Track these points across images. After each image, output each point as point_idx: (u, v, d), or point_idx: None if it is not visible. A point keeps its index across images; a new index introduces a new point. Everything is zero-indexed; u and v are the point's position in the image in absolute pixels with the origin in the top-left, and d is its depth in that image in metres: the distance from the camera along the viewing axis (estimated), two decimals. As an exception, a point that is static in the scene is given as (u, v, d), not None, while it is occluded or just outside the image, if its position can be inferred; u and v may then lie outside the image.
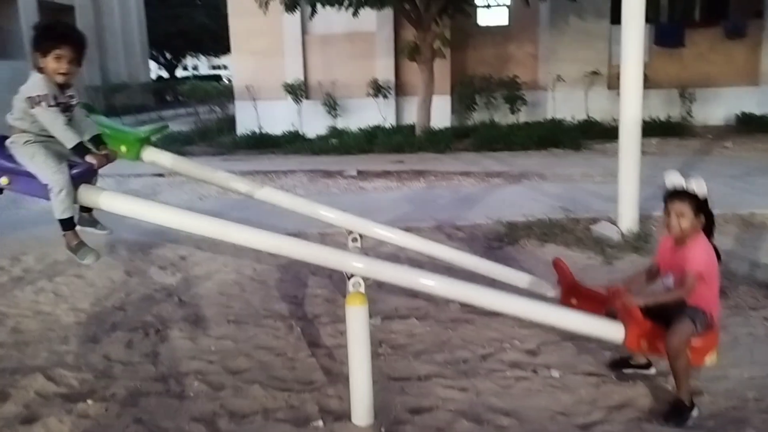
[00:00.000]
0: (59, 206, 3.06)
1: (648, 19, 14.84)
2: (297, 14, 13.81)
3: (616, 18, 14.85)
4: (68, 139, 2.99)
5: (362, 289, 3.14)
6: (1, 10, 23.61)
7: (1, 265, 5.85)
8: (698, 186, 3.21)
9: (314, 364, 3.74)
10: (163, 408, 3.30)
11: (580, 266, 5.26)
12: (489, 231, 6.41)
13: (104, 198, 3.19)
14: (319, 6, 12.26)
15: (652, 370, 3.62)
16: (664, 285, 3.37)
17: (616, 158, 6.31)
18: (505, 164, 10.41)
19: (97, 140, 3.22)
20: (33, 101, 2.95)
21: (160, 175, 10.53)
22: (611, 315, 3.48)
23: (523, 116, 14.74)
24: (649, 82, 13.83)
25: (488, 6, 14.91)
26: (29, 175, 3.07)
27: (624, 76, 6.05)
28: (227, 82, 30.37)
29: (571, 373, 3.56)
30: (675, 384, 3.15)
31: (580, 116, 14.48)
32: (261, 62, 15.40)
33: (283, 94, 15.22)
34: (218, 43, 41.67)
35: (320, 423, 3.09)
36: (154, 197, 8.89)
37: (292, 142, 13.89)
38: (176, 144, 13.78)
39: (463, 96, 14.93)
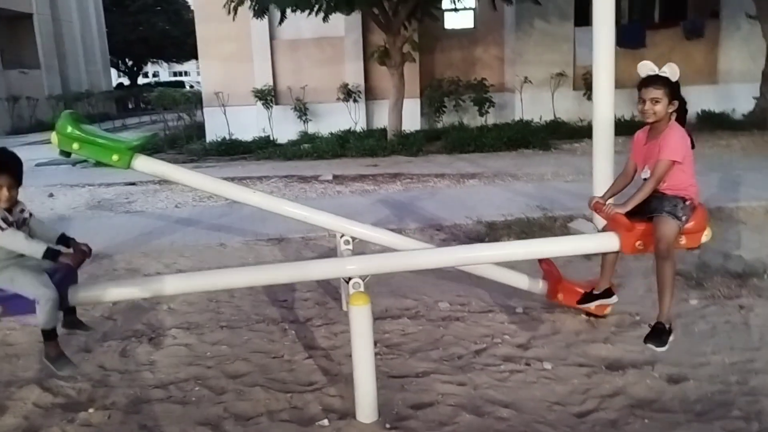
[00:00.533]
0: (45, 317, 3.12)
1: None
2: (265, 19, 13.83)
3: (579, 20, 15.29)
4: (35, 252, 3.05)
5: (362, 289, 3.23)
6: (-44, 18, 23.10)
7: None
8: (671, 70, 3.34)
9: (312, 366, 3.80)
10: (166, 414, 3.32)
11: (560, 263, 5.38)
12: (469, 231, 6.54)
13: (96, 292, 3.29)
14: (288, 11, 12.27)
15: (614, 299, 3.95)
16: (641, 177, 3.49)
17: (584, 157, 6.52)
18: (477, 166, 10.59)
19: (65, 239, 3.28)
20: None
21: (132, 183, 10.45)
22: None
23: (491, 118, 14.98)
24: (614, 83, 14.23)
25: (455, 9, 15.08)
26: (18, 296, 3.13)
27: (596, 78, 6.22)
28: (190, 88, 30.13)
29: (562, 364, 3.69)
30: (659, 299, 3.31)
31: (547, 117, 14.79)
32: (229, 68, 15.36)
33: (252, 99, 15.20)
34: (180, 49, 41.34)
35: (326, 422, 3.15)
36: (129, 206, 8.82)
37: (264, 148, 13.88)
38: (145, 152, 13.60)
39: (432, 99, 15.12)
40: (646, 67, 3.42)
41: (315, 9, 11.95)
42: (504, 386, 3.47)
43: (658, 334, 3.26)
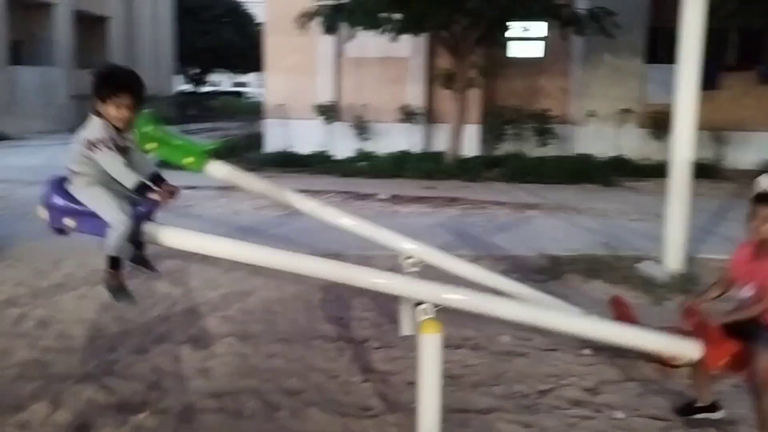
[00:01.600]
0: (115, 243, 3.06)
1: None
2: (332, 36, 13.94)
3: (650, 57, 14.95)
4: (128, 180, 3.00)
5: (433, 316, 3.08)
6: (36, 17, 24.06)
7: (43, 269, 5.85)
8: None
9: (370, 390, 3.67)
10: (219, 426, 3.24)
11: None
12: (531, 263, 6.33)
13: (169, 235, 3.20)
14: (358, 29, 12.33)
15: (720, 414, 3.52)
16: (740, 296, 3.25)
17: (649, 196, 6.27)
18: (537, 196, 10.35)
19: (157, 178, 3.23)
20: (91, 145, 2.97)
21: (193, 187, 10.57)
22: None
23: (552, 149, 14.69)
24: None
25: (526, 38, 14.93)
26: (94, 215, 3.08)
27: (678, 118, 6.01)
28: (248, 98, 30.65)
29: (635, 415, 3.47)
30: (758, 425, 3.04)
31: (610, 152, 14.41)
32: (294, 81, 15.49)
33: (313, 114, 15.28)
34: (243, 60, 42.22)
35: (384, 452, 3.01)
36: (188, 209, 8.90)
37: (321, 163, 13.91)
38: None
39: (493, 126, 14.93)
40: (764, 183, 3.20)
41: (386, 28, 11.95)
42: (572, 433, 3.27)
43: None
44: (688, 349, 3.15)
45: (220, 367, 3.93)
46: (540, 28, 15.25)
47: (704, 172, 13.12)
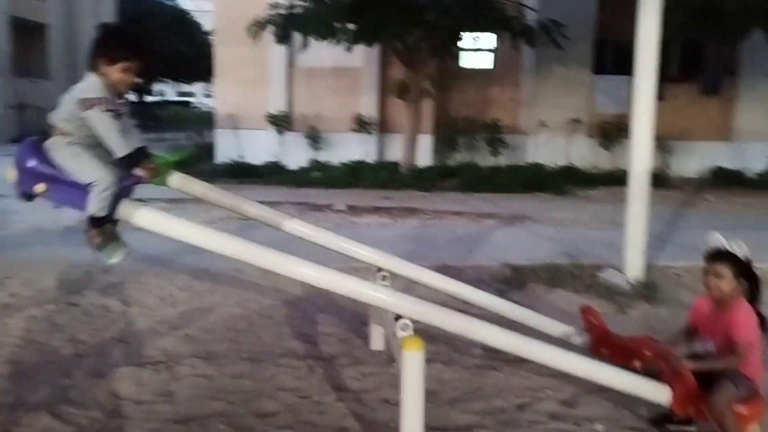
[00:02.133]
0: (98, 203, 2.84)
1: (626, 72, 15.25)
2: (284, 46, 13.79)
3: (597, 68, 15.33)
4: (120, 148, 2.80)
5: (411, 332, 2.99)
6: (-30, 26, 23.09)
7: (-15, 288, 5.50)
8: (739, 248, 3.19)
9: (344, 410, 3.53)
10: (189, 454, 3.05)
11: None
12: (494, 273, 6.30)
13: (144, 214, 3.00)
14: (312, 39, 12.21)
15: (694, 428, 3.54)
16: (704, 349, 3.31)
17: (601, 205, 6.34)
18: (494, 206, 10.40)
19: (143, 153, 3.02)
20: (87, 104, 2.76)
21: (140, 200, 10.22)
22: (647, 371, 3.43)
23: (504, 159, 14.89)
24: (629, 133, 14.20)
25: (478, 49, 15.10)
26: (68, 184, 2.85)
27: (636, 128, 6.11)
28: (196, 108, 30.05)
29: (615, 427, 3.44)
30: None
31: (561, 162, 14.68)
32: (245, 91, 15.27)
33: (265, 124, 15.09)
34: (190, 69, 41.48)
35: (365, 475, 2.89)
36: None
37: (274, 173, 13.73)
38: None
39: (446, 136, 15.05)
40: (715, 240, 3.28)
41: (340, 39, 11.87)
42: (554, 447, 3.21)
43: None
44: (655, 392, 3.20)
45: (184, 390, 3.73)
46: (491, 39, 15.46)
47: (652, 181, 13.51)
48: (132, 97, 42.27)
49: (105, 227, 2.94)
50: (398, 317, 3.09)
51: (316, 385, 3.83)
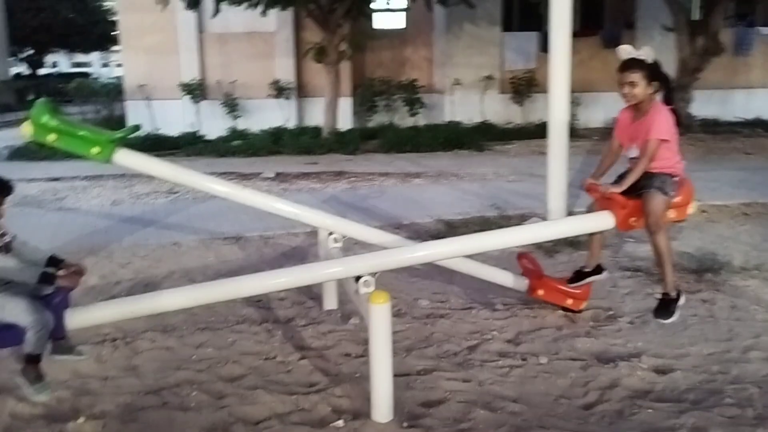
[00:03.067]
0: (36, 343, 3.03)
1: (533, 28, 15.69)
2: (193, 11, 13.38)
3: (506, 26, 15.74)
4: (29, 278, 2.95)
5: (373, 287, 3.20)
6: None
7: None
8: (646, 53, 3.52)
9: (309, 366, 3.72)
10: (168, 421, 3.16)
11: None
12: (429, 229, 6.60)
13: (97, 312, 3.14)
14: (224, 4, 11.90)
15: (605, 274, 4.17)
16: (628, 157, 3.68)
17: (518, 158, 6.72)
18: (418, 165, 10.68)
19: (55, 260, 3.13)
20: None
21: (56, 179, 9.85)
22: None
23: (421, 118, 15.17)
24: (538, 87, 14.76)
25: (390, 10, 15.16)
26: (4, 328, 3.00)
27: (552, 81, 6.38)
28: (94, 79, 28.63)
29: (556, 359, 3.80)
30: (660, 272, 3.47)
31: (476, 119, 15.11)
32: (154, 60, 14.72)
33: (178, 93, 14.66)
34: (85, 38, 39.22)
35: (341, 423, 3.10)
36: (59, 203, 8.30)
37: (193, 144, 13.42)
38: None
39: (364, 98, 15.13)
40: (625, 51, 3.58)
41: (253, 2, 11.64)
42: (507, 381, 3.53)
43: (666, 305, 3.41)
44: (601, 221, 3.59)
45: (148, 363, 3.80)
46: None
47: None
48: (24, 70, 39.70)
49: (39, 366, 3.14)
50: (359, 277, 3.28)
51: (278, 347, 3.99)
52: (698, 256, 5.57)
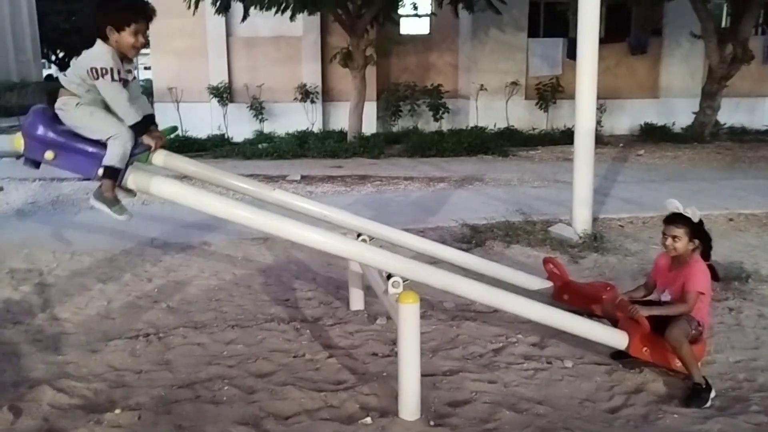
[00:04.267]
0: (116, 153, 2.96)
1: (559, 35, 15.69)
2: (222, 15, 13.60)
3: (532, 32, 15.75)
4: (130, 117, 2.94)
5: (402, 288, 3.27)
6: None
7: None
8: (692, 213, 3.59)
9: (337, 365, 3.79)
10: (200, 414, 3.24)
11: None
12: (455, 233, 6.65)
13: (148, 179, 3.17)
14: (252, 9, 12.08)
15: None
16: (661, 299, 3.74)
17: (543, 164, 6.74)
18: (443, 170, 10.74)
19: (151, 121, 3.15)
20: (97, 73, 2.85)
21: (87, 178, 10.04)
22: (607, 315, 3.86)
23: (445, 123, 15.24)
24: (564, 93, 14.72)
25: (416, 15, 15.26)
26: (76, 151, 2.97)
27: (579, 89, 6.41)
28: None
29: (581, 363, 3.83)
30: (686, 370, 3.47)
31: (501, 124, 15.13)
32: (183, 63, 15.00)
33: (206, 96, 14.91)
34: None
35: (368, 420, 3.15)
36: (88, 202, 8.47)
37: (220, 146, 13.61)
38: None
39: (389, 103, 15.25)
40: (672, 205, 3.66)
41: (281, 7, 11.81)
42: (532, 384, 3.57)
43: (698, 394, 3.39)
44: (614, 338, 3.62)
45: (180, 358, 3.90)
46: (428, 5, 15.65)
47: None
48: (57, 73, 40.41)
49: (116, 183, 3.06)
50: (389, 276, 3.35)
51: (307, 345, 4.07)
52: (725, 265, 5.54)
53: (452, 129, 14.77)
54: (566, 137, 13.12)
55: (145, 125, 3.07)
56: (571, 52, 15.64)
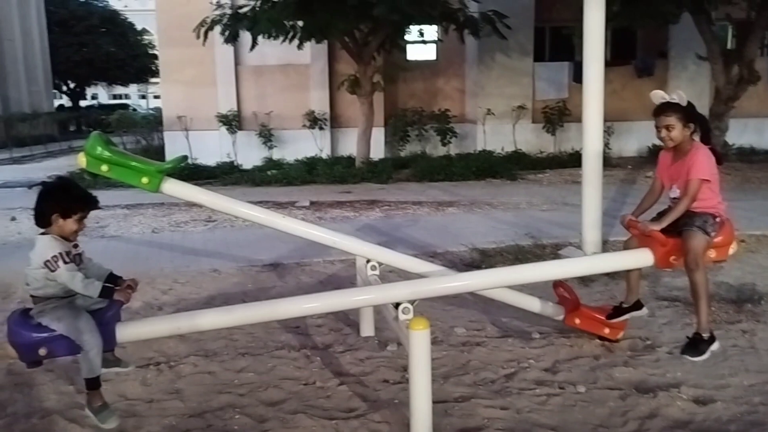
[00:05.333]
0: (90, 366, 3.10)
1: (565, 59, 15.79)
2: (230, 45, 13.79)
3: (538, 56, 15.86)
4: (93, 291, 3.06)
5: (412, 314, 3.27)
6: None
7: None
8: (679, 97, 3.55)
9: (348, 392, 3.77)
10: (211, 444, 3.23)
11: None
12: (464, 257, 6.64)
13: (146, 327, 3.42)
14: (260, 38, 12.25)
15: (644, 311, 4.16)
16: (669, 196, 3.71)
17: (551, 187, 6.74)
18: (451, 194, 10.76)
19: (113, 277, 3.31)
20: (52, 264, 3.00)
21: (99, 208, 10.13)
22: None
23: (453, 148, 15.31)
24: (571, 117, 14.78)
25: (423, 42, 15.43)
26: (62, 337, 3.09)
27: (586, 112, 6.44)
28: (133, 111, 29.51)
29: (594, 388, 3.79)
30: (695, 311, 3.45)
31: (508, 148, 15.17)
32: (192, 92, 15.19)
33: (215, 124, 15.07)
34: (124, 71, 40.56)
35: (380, 448, 3.14)
36: (102, 231, 8.56)
37: (229, 173, 13.72)
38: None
39: (397, 128, 15.36)
40: (657, 96, 3.64)
41: (289, 36, 11.98)
42: (545, 410, 3.53)
43: (696, 344, 3.39)
44: (640, 258, 3.61)
45: (191, 387, 3.89)
46: (434, 32, 15.81)
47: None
48: (65, 102, 41.04)
49: (100, 392, 3.20)
50: (397, 304, 3.35)
51: (317, 372, 4.05)
52: (737, 287, 5.52)
53: (460, 153, 14.84)
54: (574, 160, 13.10)
55: (110, 287, 3.17)
56: (578, 76, 15.74)
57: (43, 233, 3.13)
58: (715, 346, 3.42)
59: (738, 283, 5.60)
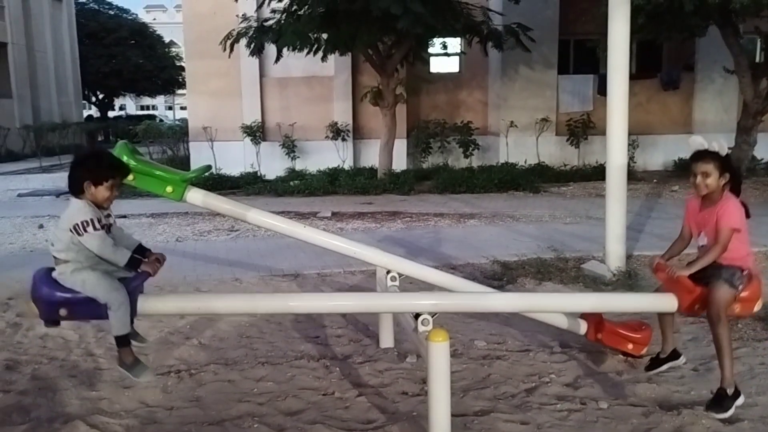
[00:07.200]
0: (117, 323, 3.14)
1: (589, 71, 15.66)
2: (255, 57, 13.95)
3: (562, 68, 15.79)
4: (120, 259, 3.09)
5: (431, 326, 3.25)
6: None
7: (-9, 311, 5.58)
8: (719, 146, 3.49)
9: (366, 403, 3.76)
10: (230, 452, 3.24)
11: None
12: (486, 270, 6.61)
13: (161, 303, 3.46)
14: (285, 50, 12.38)
15: (682, 359, 4.01)
16: (698, 244, 3.63)
17: (574, 200, 6.67)
18: (473, 206, 10.72)
19: (141, 248, 3.32)
20: (80, 228, 3.02)
21: (124, 216, 10.28)
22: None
23: (475, 160, 15.27)
24: (595, 129, 14.67)
25: (446, 54, 15.46)
26: (87, 300, 3.13)
27: (610, 125, 6.38)
28: (160, 121, 29.95)
29: (616, 404, 3.73)
30: (719, 365, 3.39)
31: (531, 160, 15.09)
32: (218, 103, 15.37)
33: (240, 135, 15.21)
34: (152, 83, 41.25)
35: (398, 460, 3.12)
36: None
37: (252, 184, 13.83)
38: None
39: (419, 140, 15.36)
40: (696, 142, 3.59)
41: (314, 49, 12.09)
42: (566, 425, 3.49)
43: (720, 400, 3.31)
44: (664, 303, 3.55)
45: (211, 395, 3.91)
46: (458, 44, 15.84)
47: (597, 175, 13.98)
48: (93, 112, 41.80)
49: (130, 347, 3.24)
50: (417, 315, 3.34)
51: (336, 383, 4.05)
52: (765, 304, 5.38)
53: (482, 165, 14.79)
54: (598, 173, 13.01)
55: (138, 258, 3.20)
56: (602, 89, 15.68)
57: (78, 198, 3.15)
58: (740, 401, 3.33)
59: (766, 300, 5.47)
